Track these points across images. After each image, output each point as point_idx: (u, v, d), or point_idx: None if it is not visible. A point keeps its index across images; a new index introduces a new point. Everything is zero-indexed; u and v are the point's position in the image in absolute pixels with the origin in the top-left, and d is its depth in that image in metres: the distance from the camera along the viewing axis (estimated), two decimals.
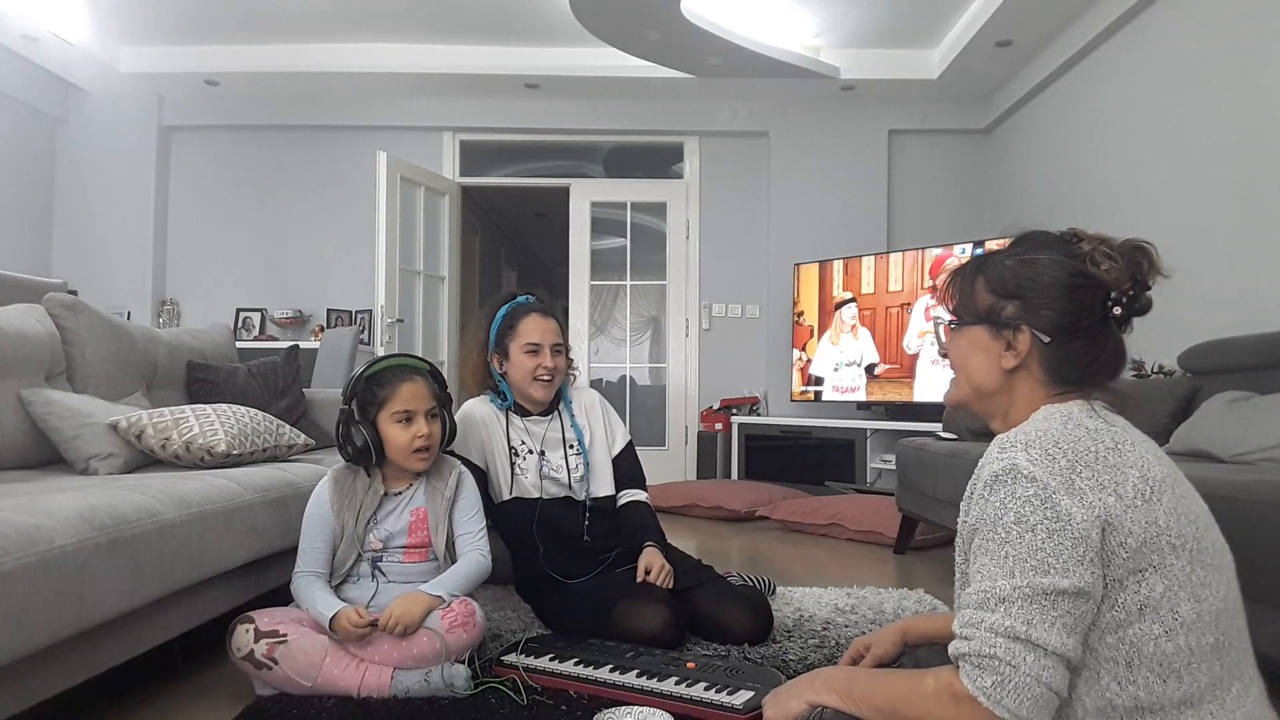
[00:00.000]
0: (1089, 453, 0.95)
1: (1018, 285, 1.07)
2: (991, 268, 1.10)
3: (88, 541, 1.38)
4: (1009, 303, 1.07)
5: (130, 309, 5.61)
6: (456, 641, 1.74)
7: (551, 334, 2.25)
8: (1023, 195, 5.41)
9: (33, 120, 5.49)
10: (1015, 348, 1.07)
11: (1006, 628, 0.91)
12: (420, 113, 5.91)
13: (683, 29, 4.71)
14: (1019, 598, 0.91)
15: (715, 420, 5.78)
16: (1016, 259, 1.09)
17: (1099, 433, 0.98)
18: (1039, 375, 1.06)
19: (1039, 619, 0.90)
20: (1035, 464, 0.94)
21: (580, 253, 6.07)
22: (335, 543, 1.86)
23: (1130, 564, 0.92)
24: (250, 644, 1.68)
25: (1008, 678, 0.90)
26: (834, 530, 3.97)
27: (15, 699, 1.30)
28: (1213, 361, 2.94)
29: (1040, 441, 0.96)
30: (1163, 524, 0.93)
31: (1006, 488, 0.95)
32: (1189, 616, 0.92)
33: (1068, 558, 0.91)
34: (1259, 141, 3.26)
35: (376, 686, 1.68)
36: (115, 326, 2.60)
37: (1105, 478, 0.94)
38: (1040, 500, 0.92)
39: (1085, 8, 4.36)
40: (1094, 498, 0.92)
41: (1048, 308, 1.04)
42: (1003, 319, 1.07)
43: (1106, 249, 1.04)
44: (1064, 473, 0.93)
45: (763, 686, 1.66)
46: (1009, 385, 1.09)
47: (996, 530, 0.94)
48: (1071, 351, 1.05)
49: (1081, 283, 1.03)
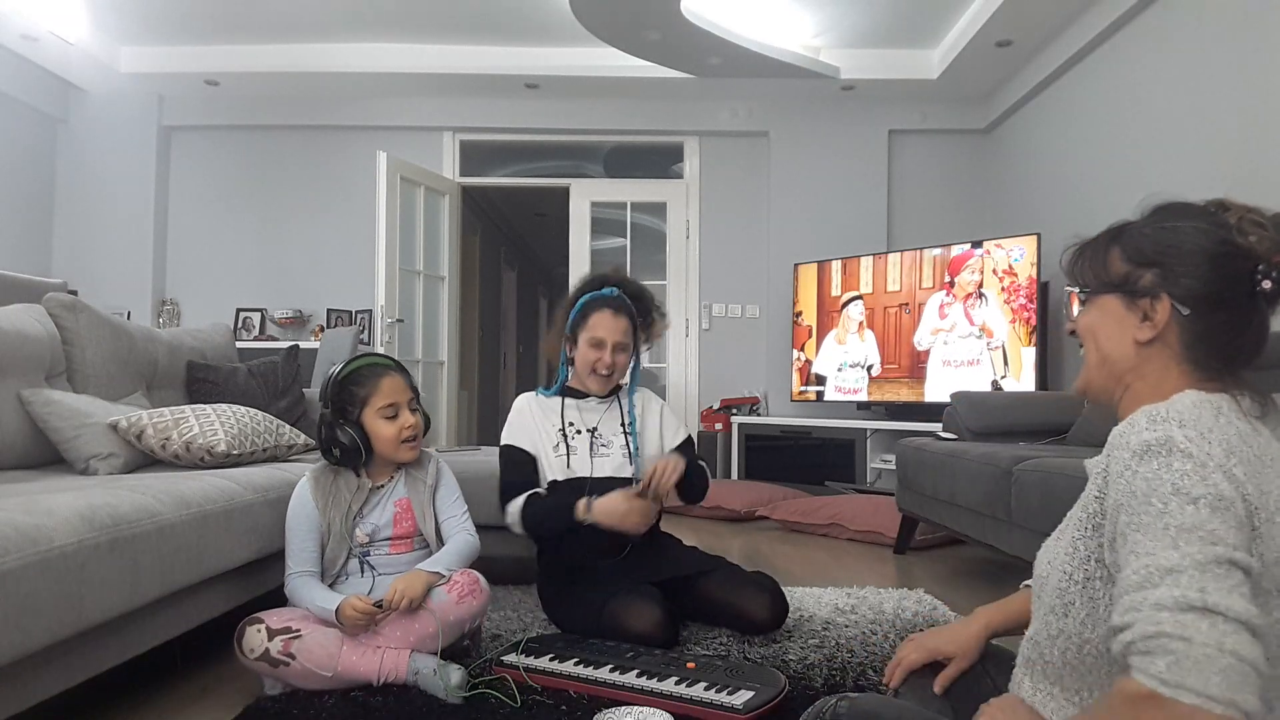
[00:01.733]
0: (1240, 450, 0.86)
1: (1157, 252, 0.98)
2: (1129, 236, 1.02)
3: (88, 541, 1.38)
4: (1147, 271, 0.98)
5: (130, 309, 5.61)
6: (468, 610, 1.80)
7: (618, 333, 2.25)
8: (1023, 195, 5.41)
9: (33, 120, 5.49)
10: (1152, 318, 0.97)
11: (1175, 599, 0.77)
12: (420, 113, 5.91)
13: (683, 29, 4.71)
14: (1190, 566, 0.78)
15: (715, 420, 5.78)
16: (1156, 226, 1.01)
17: (1247, 437, 0.89)
18: (1176, 351, 0.97)
19: (1214, 586, 0.77)
20: (1191, 441, 0.85)
21: (580, 253, 6.07)
22: (323, 542, 1.88)
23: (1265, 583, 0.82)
24: (264, 643, 1.69)
25: (1184, 654, 0.75)
26: (834, 530, 3.97)
27: (15, 699, 1.30)
28: None
29: (1195, 422, 0.87)
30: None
31: (1161, 459, 0.84)
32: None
33: (1236, 533, 0.80)
34: (1259, 141, 3.26)
35: (394, 670, 1.70)
36: (115, 326, 2.60)
37: (1256, 473, 0.85)
38: (1200, 477, 0.82)
39: (1085, 8, 4.36)
40: (1251, 489, 0.83)
41: (1189, 276, 0.95)
42: (1139, 287, 0.98)
43: (1257, 218, 0.96)
44: (1221, 457, 0.84)
45: (763, 686, 1.66)
46: (1142, 360, 0.99)
47: (1151, 503, 0.83)
48: (1213, 326, 0.95)
49: (1228, 250, 0.94)
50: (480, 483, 2.59)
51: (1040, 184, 5.17)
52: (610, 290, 2.33)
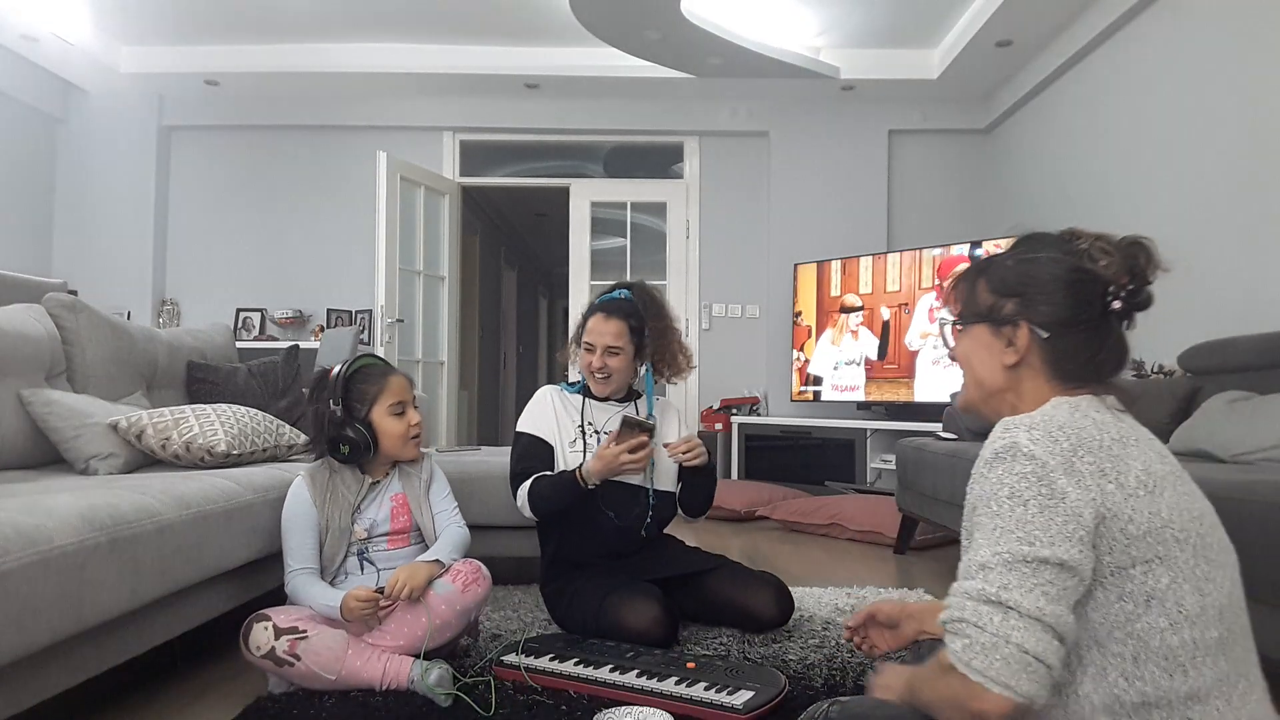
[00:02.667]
0: (1093, 440, 0.96)
1: (1017, 283, 1.09)
2: (993, 269, 1.13)
3: (88, 541, 1.38)
4: (1008, 300, 1.10)
5: (130, 309, 5.61)
6: (474, 597, 1.83)
7: (607, 336, 2.26)
8: (1023, 195, 5.41)
9: (33, 120, 5.49)
10: (1015, 344, 1.08)
11: (979, 591, 0.91)
12: (420, 113, 5.91)
13: (683, 29, 4.71)
14: (999, 564, 0.91)
15: (715, 420, 5.78)
16: (1016, 259, 1.12)
17: (1105, 424, 0.99)
18: (1042, 371, 1.07)
19: (1016, 583, 0.90)
20: (1036, 443, 0.95)
21: (580, 253, 6.07)
22: (322, 539, 1.89)
23: (1134, 552, 0.93)
24: (270, 641, 1.69)
25: (974, 639, 0.90)
26: (834, 530, 3.97)
27: (15, 699, 1.30)
28: (1213, 361, 2.94)
29: (1044, 424, 0.97)
30: (1166, 517, 0.94)
31: (1005, 464, 0.95)
32: (1193, 610, 0.93)
33: (1056, 532, 0.91)
34: (1259, 141, 3.26)
35: (397, 676, 1.70)
36: (115, 326, 2.60)
37: (1107, 465, 0.95)
38: (1037, 477, 0.93)
39: (1085, 8, 4.36)
40: (1093, 482, 0.93)
41: (1045, 303, 1.06)
42: (1002, 316, 1.10)
43: (1104, 245, 1.06)
44: (1064, 454, 0.94)
45: (763, 686, 1.66)
46: (1014, 382, 1.10)
47: (990, 505, 0.95)
48: (1072, 345, 1.06)
49: (1079, 277, 1.05)
50: (481, 482, 2.59)
51: (1040, 184, 5.17)
52: (619, 294, 2.35)
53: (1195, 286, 3.59)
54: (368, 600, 1.71)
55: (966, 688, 0.89)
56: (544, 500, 2.18)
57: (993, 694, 0.88)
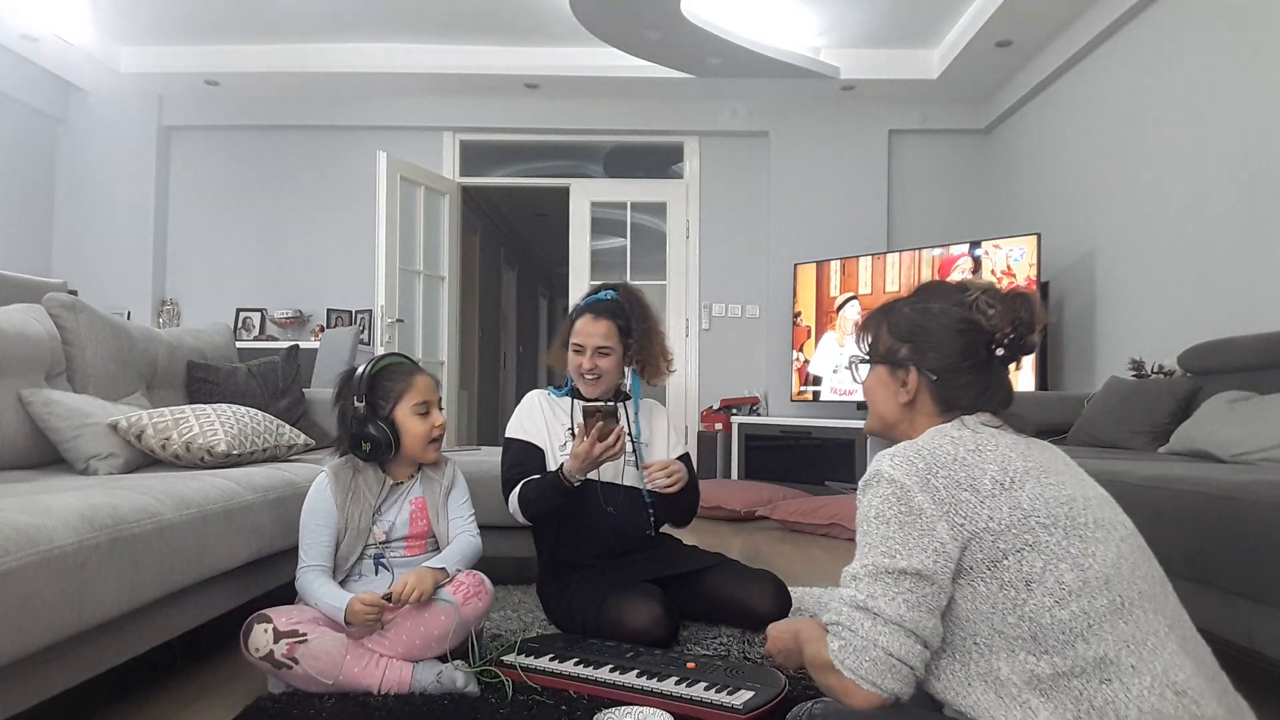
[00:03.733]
0: (948, 455, 1.09)
1: (910, 331, 1.24)
2: (894, 314, 1.27)
3: (88, 541, 1.38)
4: (903, 345, 1.24)
5: (130, 309, 5.61)
6: (474, 610, 1.80)
7: (596, 337, 2.25)
8: (1023, 195, 5.41)
9: (33, 120, 5.49)
10: (907, 385, 1.23)
11: (850, 597, 1.07)
12: (420, 113, 5.91)
13: (683, 29, 4.70)
14: (866, 575, 1.07)
15: (715, 420, 5.78)
16: (913, 307, 1.25)
17: (961, 439, 1.12)
18: (931, 408, 1.22)
19: (880, 592, 1.05)
20: (896, 468, 1.09)
21: (580, 253, 6.07)
22: (338, 537, 1.88)
23: (1002, 545, 1.05)
24: (269, 644, 1.68)
25: (848, 641, 1.05)
26: (834, 530, 3.97)
27: (15, 699, 1.30)
28: (1213, 361, 2.94)
29: (904, 450, 1.12)
30: (1027, 507, 1.06)
31: (872, 489, 1.11)
32: (1074, 584, 1.02)
33: (914, 544, 1.05)
34: (1259, 141, 3.26)
35: (397, 683, 1.70)
36: (115, 326, 2.60)
37: (960, 476, 1.07)
38: (896, 498, 1.08)
39: (1085, 8, 4.36)
40: (947, 494, 1.06)
41: (934, 350, 1.21)
42: (898, 359, 1.24)
43: (988, 298, 1.19)
44: (920, 474, 1.08)
45: (763, 686, 1.66)
46: (908, 415, 1.24)
47: (862, 525, 1.11)
48: (957, 387, 1.20)
49: (965, 328, 1.19)
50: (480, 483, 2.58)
51: (1040, 184, 5.17)
52: (604, 294, 2.34)
53: (1195, 286, 3.59)
54: (374, 606, 1.71)
55: (841, 683, 1.05)
56: (532, 503, 2.17)
57: (863, 690, 1.04)
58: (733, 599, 2.16)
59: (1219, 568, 1.64)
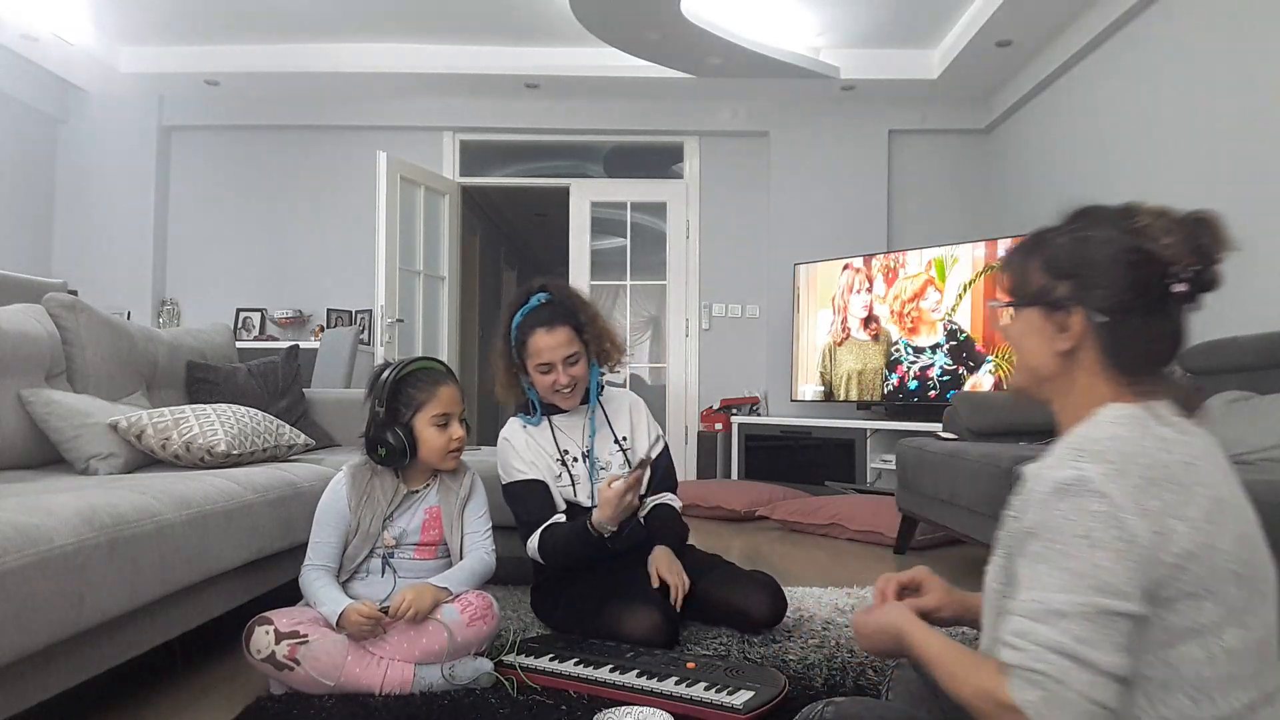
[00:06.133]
0: (1161, 470, 0.90)
1: (1071, 264, 1.02)
2: (1045, 247, 1.06)
3: (88, 541, 1.38)
4: (1062, 283, 1.02)
5: (130, 309, 5.60)
6: (476, 634, 1.78)
7: (561, 348, 2.14)
8: (1023, 195, 5.41)
9: (33, 120, 5.49)
10: (1068, 329, 1.02)
11: (1059, 644, 0.87)
12: (420, 113, 5.91)
13: (683, 29, 4.70)
14: (1078, 614, 0.86)
15: (715, 420, 5.78)
16: (1070, 236, 1.04)
17: (1172, 444, 0.93)
18: (1098, 358, 1.01)
19: (1096, 638, 0.86)
20: (1109, 479, 0.89)
21: (580, 253, 6.07)
22: (348, 538, 1.88)
23: (1186, 587, 0.88)
24: (271, 645, 1.68)
25: (1055, 694, 0.86)
26: (834, 530, 3.97)
27: (15, 699, 1.30)
28: (1213, 361, 2.94)
29: (1115, 454, 0.91)
30: (1226, 549, 0.89)
31: (1075, 499, 0.89)
32: (1234, 644, 0.89)
33: (1130, 580, 0.86)
34: (1259, 141, 3.26)
35: (400, 684, 1.70)
36: (115, 326, 2.60)
37: (1174, 500, 0.89)
38: (1110, 518, 0.87)
39: (1085, 8, 4.36)
40: (1161, 524, 0.88)
41: (1101, 286, 0.99)
42: (1055, 299, 1.03)
43: (1165, 222, 0.99)
44: (1136, 492, 0.88)
45: (763, 686, 1.66)
46: (1067, 369, 1.03)
47: (1059, 541, 0.89)
48: (1130, 332, 0.99)
49: (1137, 259, 0.98)
50: None
51: (1040, 184, 5.17)
52: (536, 300, 2.20)
53: None
54: (369, 618, 1.70)
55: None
56: (562, 556, 2.12)
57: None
58: (729, 603, 2.15)
59: None
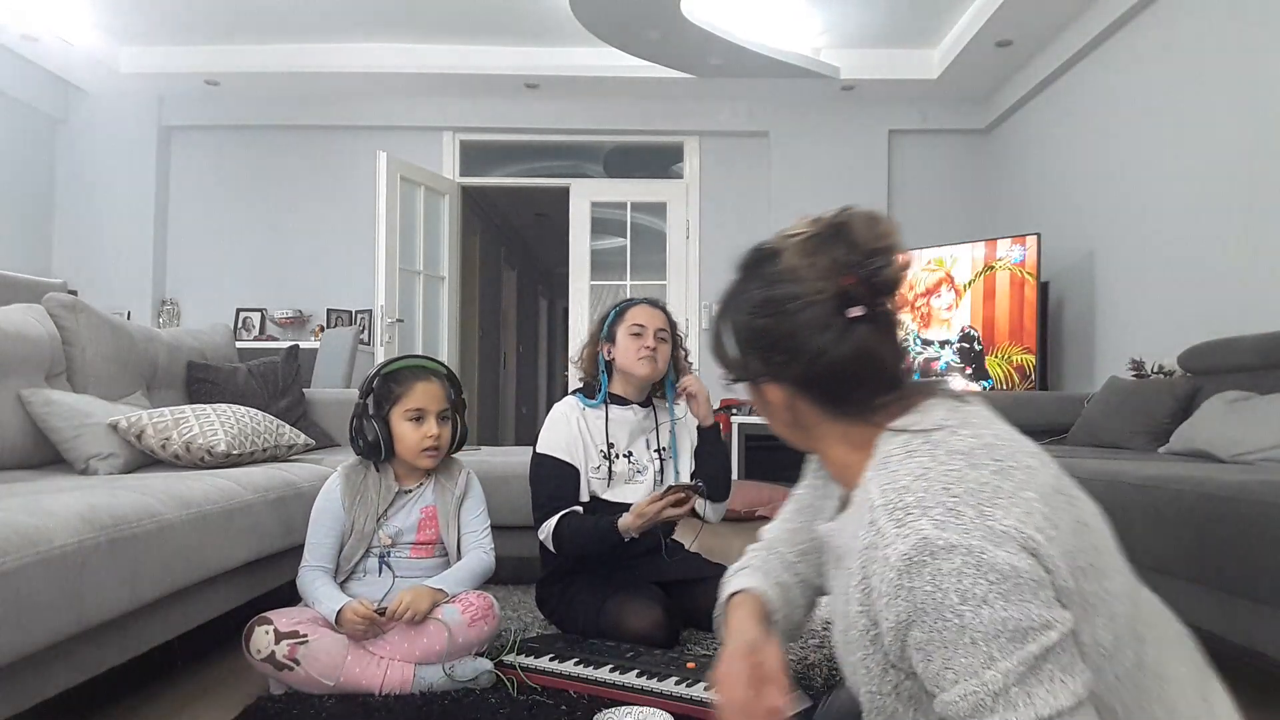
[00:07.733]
0: (985, 487, 0.79)
1: (748, 336, 0.93)
2: (726, 315, 0.97)
3: (88, 541, 1.38)
4: (749, 357, 0.94)
5: (130, 309, 5.60)
6: (477, 634, 1.79)
7: (657, 320, 2.24)
8: (1023, 195, 5.41)
9: (33, 120, 5.49)
10: (775, 400, 0.94)
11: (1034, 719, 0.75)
12: (420, 113, 5.91)
13: (683, 29, 4.70)
14: (1012, 682, 0.75)
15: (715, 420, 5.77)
16: (741, 300, 0.95)
17: (975, 455, 0.82)
18: (821, 411, 0.92)
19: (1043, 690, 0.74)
20: (945, 528, 0.77)
21: (580, 253, 6.07)
22: (343, 538, 1.88)
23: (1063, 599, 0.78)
24: (270, 645, 1.68)
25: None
26: None
27: (15, 699, 1.30)
28: (1213, 361, 2.94)
29: (929, 495, 0.79)
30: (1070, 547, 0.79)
31: (928, 568, 0.77)
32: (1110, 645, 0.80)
33: (1038, 609, 0.75)
34: (1259, 140, 3.26)
35: (400, 684, 1.70)
36: (115, 326, 2.60)
37: (1016, 510, 0.78)
38: (973, 567, 0.75)
39: (1085, 8, 4.36)
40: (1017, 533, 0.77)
41: (779, 352, 0.90)
42: (749, 375, 0.95)
43: (805, 249, 0.91)
44: (976, 523, 0.77)
45: None
46: (806, 427, 0.94)
47: (945, 618, 0.76)
48: (831, 381, 0.89)
49: (796, 308, 0.88)
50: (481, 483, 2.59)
51: (1040, 184, 5.17)
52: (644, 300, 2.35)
53: (1195, 286, 3.59)
54: (365, 618, 1.71)
55: None
56: (577, 547, 2.12)
57: None
58: None
59: (1219, 568, 1.64)
